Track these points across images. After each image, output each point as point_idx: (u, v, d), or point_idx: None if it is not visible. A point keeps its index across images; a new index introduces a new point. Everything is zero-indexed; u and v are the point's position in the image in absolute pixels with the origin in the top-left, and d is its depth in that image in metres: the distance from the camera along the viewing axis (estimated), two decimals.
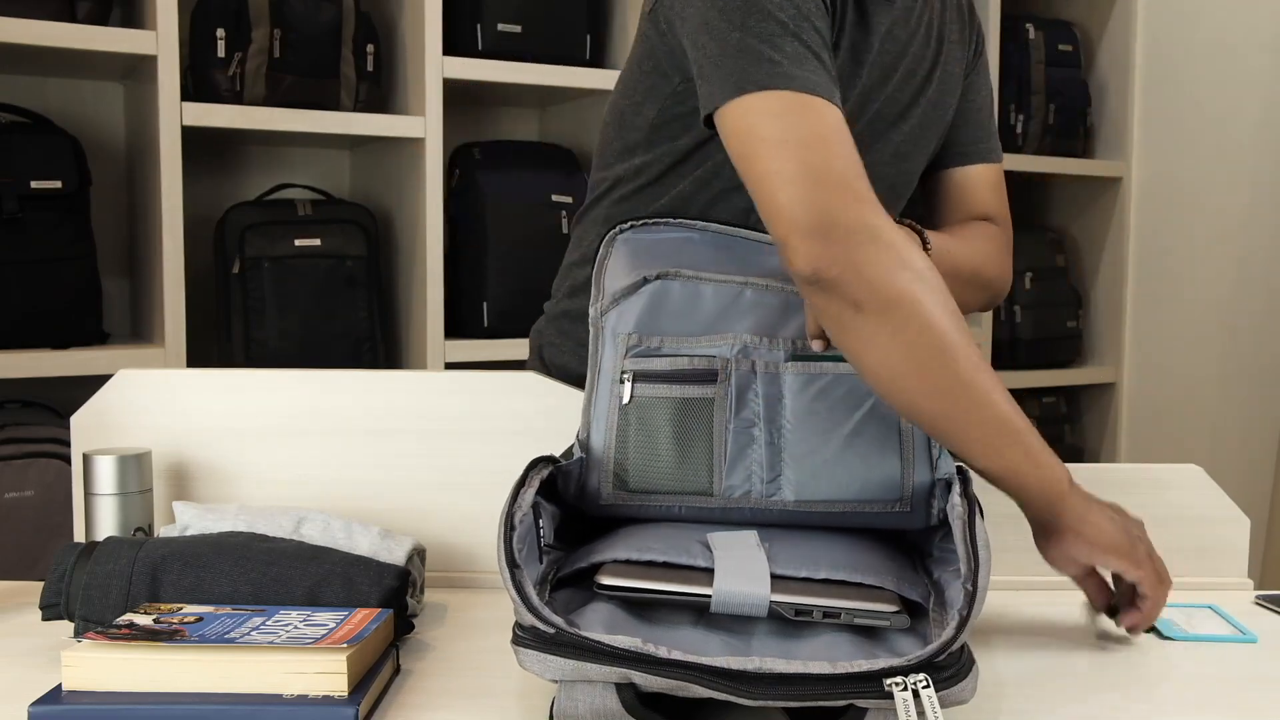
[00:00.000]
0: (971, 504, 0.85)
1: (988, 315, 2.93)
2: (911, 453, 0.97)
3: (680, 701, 0.78)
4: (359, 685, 0.81)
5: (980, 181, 1.32)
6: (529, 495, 0.87)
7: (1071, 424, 3.18)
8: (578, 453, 0.99)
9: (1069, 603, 1.13)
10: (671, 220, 1.10)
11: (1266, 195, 2.71)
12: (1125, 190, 3.05)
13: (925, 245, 1.13)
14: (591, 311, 1.05)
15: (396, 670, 0.90)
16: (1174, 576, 1.17)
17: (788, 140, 0.96)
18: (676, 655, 0.75)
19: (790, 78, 0.98)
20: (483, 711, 0.84)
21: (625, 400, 1.00)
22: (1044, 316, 3.03)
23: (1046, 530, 0.97)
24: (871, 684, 0.74)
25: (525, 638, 0.77)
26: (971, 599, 0.77)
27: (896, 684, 0.73)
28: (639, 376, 1.00)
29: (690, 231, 1.10)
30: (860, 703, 0.75)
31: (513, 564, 0.78)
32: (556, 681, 0.77)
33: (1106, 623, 1.06)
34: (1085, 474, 1.19)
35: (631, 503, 0.99)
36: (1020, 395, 3.07)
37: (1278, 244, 2.70)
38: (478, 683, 0.89)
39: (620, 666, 0.75)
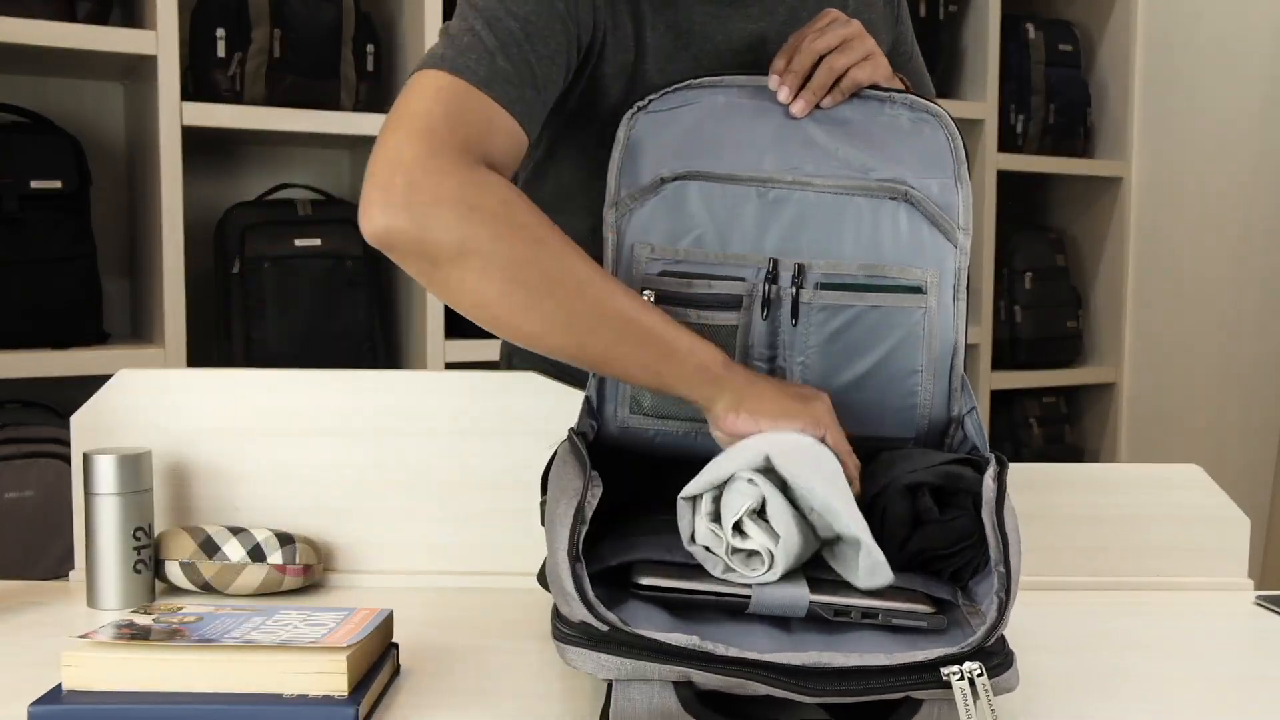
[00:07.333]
0: (1001, 489, 0.83)
1: (988, 315, 2.92)
2: (931, 389, 0.96)
3: (731, 700, 0.77)
4: (359, 685, 0.81)
5: None
6: (597, 491, 0.83)
7: (1071, 424, 3.18)
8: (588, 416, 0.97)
9: (1069, 603, 1.13)
10: (695, 82, 1.01)
11: (1266, 195, 2.71)
12: (1125, 190, 3.05)
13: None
14: (608, 216, 0.98)
15: (396, 670, 0.90)
16: (1174, 577, 1.18)
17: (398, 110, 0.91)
18: (734, 653, 0.74)
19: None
20: (483, 711, 0.84)
21: None
22: (1044, 316, 3.03)
23: (711, 414, 0.91)
24: (928, 674, 0.74)
25: (573, 635, 0.76)
26: (1007, 581, 0.76)
27: (954, 673, 0.73)
28: (661, 298, 0.95)
29: (716, 93, 1.01)
30: (916, 694, 0.74)
31: (576, 558, 0.77)
32: (608, 680, 0.76)
33: None
34: (1085, 474, 1.19)
35: (645, 425, 0.96)
36: (1020, 395, 3.07)
37: (1277, 244, 2.69)
38: (478, 683, 0.89)
39: (679, 665, 0.74)
